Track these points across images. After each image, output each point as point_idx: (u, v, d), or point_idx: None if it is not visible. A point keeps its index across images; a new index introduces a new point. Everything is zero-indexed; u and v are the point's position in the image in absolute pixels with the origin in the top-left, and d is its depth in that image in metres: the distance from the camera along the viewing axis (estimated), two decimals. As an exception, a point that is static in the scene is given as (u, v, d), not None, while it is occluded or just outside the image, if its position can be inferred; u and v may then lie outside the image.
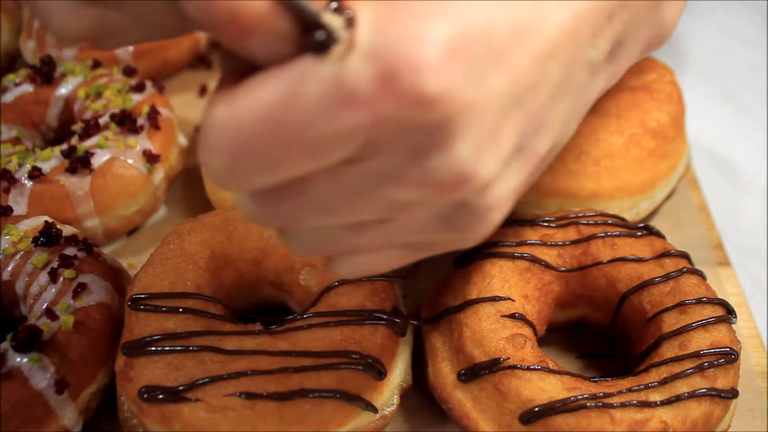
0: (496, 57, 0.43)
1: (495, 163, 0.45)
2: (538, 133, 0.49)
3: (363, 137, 0.41)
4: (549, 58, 0.47)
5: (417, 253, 0.52)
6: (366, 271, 0.52)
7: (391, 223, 0.48)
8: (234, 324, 0.63)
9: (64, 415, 0.62)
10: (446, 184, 0.44)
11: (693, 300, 0.65)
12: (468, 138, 0.42)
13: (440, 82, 0.39)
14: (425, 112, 0.40)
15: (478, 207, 0.47)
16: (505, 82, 0.44)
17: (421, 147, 0.42)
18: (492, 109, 0.43)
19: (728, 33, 1.26)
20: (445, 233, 0.49)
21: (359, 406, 0.61)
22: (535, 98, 0.47)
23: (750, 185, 1.01)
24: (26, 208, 0.77)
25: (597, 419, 0.58)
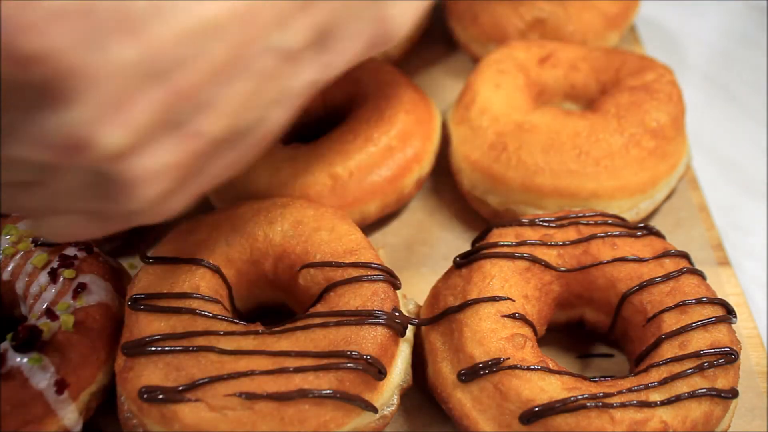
0: (128, 27, 0.44)
1: (120, 132, 0.46)
2: (200, 112, 0.50)
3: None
4: (205, 37, 0.47)
5: (101, 223, 0.54)
6: (64, 235, 0.54)
7: (45, 186, 0.50)
8: (234, 324, 0.63)
9: (64, 415, 0.62)
10: (62, 145, 0.45)
11: (693, 300, 0.65)
12: (82, 102, 0.44)
13: (41, 41, 0.41)
14: (24, 70, 0.41)
15: (118, 177, 0.48)
16: (135, 52, 0.44)
17: (34, 106, 0.44)
18: (114, 78, 0.44)
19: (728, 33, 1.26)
20: (100, 202, 0.51)
21: (359, 406, 0.61)
22: (184, 75, 0.47)
23: (750, 185, 1.01)
24: (26, 208, 0.77)
25: (597, 419, 0.58)
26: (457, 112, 0.89)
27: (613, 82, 0.88)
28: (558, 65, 0.90)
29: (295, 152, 0.81)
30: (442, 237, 0.86)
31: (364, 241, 0.70)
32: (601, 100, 0.85)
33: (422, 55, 1.08)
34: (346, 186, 0.79)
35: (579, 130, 0.80)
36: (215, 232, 0.70)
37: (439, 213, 0.89)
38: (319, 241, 0.69)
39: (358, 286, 0.65)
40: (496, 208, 0.83)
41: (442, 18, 1.09)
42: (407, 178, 0.83)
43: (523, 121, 0.82)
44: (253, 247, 0.70)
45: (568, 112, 0.83)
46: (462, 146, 0.85)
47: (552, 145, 0.80)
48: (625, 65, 0.88)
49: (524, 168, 0.80)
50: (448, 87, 1.02)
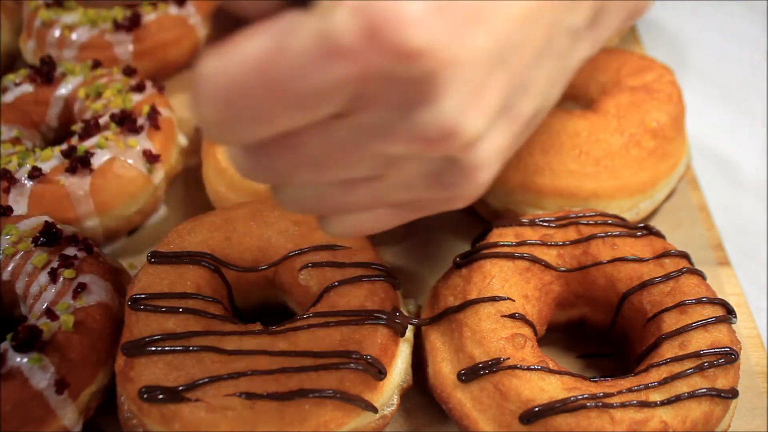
0: (479, 15, 0.44)
1: (481, 119, 0.46)
2: (524, 93, 0.51)
3: (350, 90, 0.42)
4: (532, 20, 0.48)
5: (407, 214, 0.54)
6: (357, 230, 0.53)
7: (382, 180, 0.49)
8: (234, 324, 0.63)
9: (64, 415, 0.62)
10: (433, 137, 0.45)
11: (693, 300, 0.65)
12: (453, 93, 0.44)
13: (423, 36, 0.41)
14: (409, 65, 0.41)
15: (466, 164, 0.48)
16: (489, 40, 0.45)
17: (408, 101, 0.43)
18: (476, 66, 0.44)
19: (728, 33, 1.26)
20: (434, 191, 0.50)
21: (359, 406, 0.61)
22: (518, 58, 0.48)
23: (750, 185, 1.01)
24: (26, 208, 0.77)
25: (597, 419, 0.58)
26: (457, 112, 0.88)
27: (613, 82, 0.88)
28: (558, 65, 0.90)
29: (295, 152, 0.80)
30: (442, 237, 0.86)
31: (364, 241, 0.70)
32: (601, 100, 0.85)
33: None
34: (346, 186, 0.79)
35: (579, 130, 0.80)
36: (215, 232, 0.70)
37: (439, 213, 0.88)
38: (319, 241, 0.69)
39: (358, 286, 0.65)
40: (496, 208, 0.83)
41: (442, 18, 1.09)
42: (407, 178, 0.83)
43: (523, 121, 0.82)
44: (253, 246, 0.70)
45: (568, 112, 0.83)
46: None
47: (552, 145, 0.80)
48: (625, 65, 0.88)
49: (524, 168, 0.80)
50: (448, 87, 1.01)
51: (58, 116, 0.90)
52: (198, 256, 0.67)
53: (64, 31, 0.98)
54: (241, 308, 0.72)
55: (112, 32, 0.98)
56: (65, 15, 1.00)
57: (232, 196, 0.81)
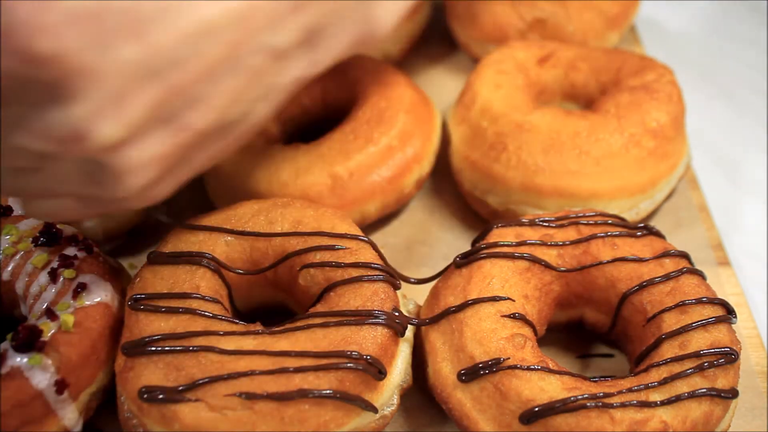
0: (133, 29, 0.47)
1: (116, 126, 0.49)
2: (191, 107, 0.53)
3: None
4: (202, 38, 0.51)
5: (91, 207, 0.58)
6: (51, 215, 0.60)
7: (43, 172, 0.53)
8: (234, 324, 0.63)
9: (64, 415, 0.62)
10: (63, 138, 0.49)
11: (693, 300, 0.65)
12: (85, 99, 0.47)
13: (53, 44, 0.44)
14: (35, 69, 0.45)
15: (111, 166, 0.52)
16: (137, 53, 0.48)
17: (41, 101, 0.48)
18: (117, 77, 0.48)
19: (728, 33, 1.26)
20: (92, 188, 0.55)
21: (359, 406, 0.61)
22: (179, 73, 0.51)
23: (750, 185, 1.01)
24: (26, 208, 0.77)
25: (597, 419, 0.58)
26: (457, 112, 0.89)
27: (613, 82, 0.88)
28: (558, 65, 0.90)
29: (295, 152, 0.81)
30: (442, 237, 0.86)
31: (364, 241, 0.70)
32: (601, 100, 0.85)
33: (422, 55, 1.08)
34: (346, 186, 0.79)
35: (579, 130, 0.80)
36: (215, 232, 0.70)
37: (439, 213, 0.89)
38: (319, 241, 0.69)
39: (358, 286, 0.65)
40: (496, 208, 0.83)
41: (442, 18, 1.09)
42: (407, 178, 0.83)
43: (523, 121, 0.82)
44: (253, 247, 0.70)
45: (568, 112, 0.83)
46: (462, 146, 0.85)
47: (552, 145, 0.80)
48: (625, 65, 0.88)
49: (524, 168, 0.80)
50: (448, 87, 1.02)
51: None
52: (198, 256, 0.67)
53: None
54: (241, 308, 0.72)
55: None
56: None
57: (232, 196, 0.81)
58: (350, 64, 0.88)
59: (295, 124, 0.90)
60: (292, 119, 0.89)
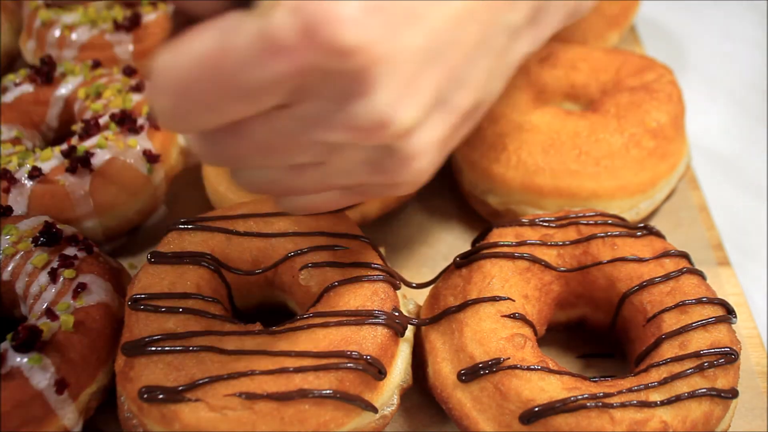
0: (413, 15, 0.48)
1: (413, 111, 0.50)
2: (460, 88, 0.54)
3: (291, 84, 0.46)
4: (466, 19, 0.52)
5: (355, 196, 0.59)
6: (310, 209, 0.60)
7: (326, 166, 0.54)
8: (234, 324, 0.63)
9: (64, 415, 0.62)
10: (368, 127, 0.49)
11: (693, 300, 0.65)
12: (386, 87, 0.48)
13: (357, 34, 0.44)
14: (344, 61, 0.45)
15: (402, 152, 0.53)
16: (422, 38, 0.49)
17: (343, 94, 0.48)
18: (409, 62, 0.48)
19: (728, 33, 1.26)
20: (375, 176, 0.55)
21: (359, 406, 0.61)
22: (452, 55, 0.52)
23: (750, 185, 1.01)
24: (26, 208, 0.77)
25: (597, 419, 0.58)
26: (457, 112, 0.88)
27: (613, 82, 0.88)
28: (558, 65, 0.90)
29: (295, 152, 0.80)
30: (442, 237, 0.86)
31: (364, 241, 0.70)
32: (601, 100, 0.85)
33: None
34: (346, 186, 0.79)
35: (579, 130, 0.80)
36: (215, 232, 0.70)
37: (439, 213, 0.89)
38: (319, 241, 0.69)
39: (358, 286, 0.65)
40: (496, 208, 0.83)
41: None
42: (407, 178, 0.83)
43: (523, 121, 0.82)
44: (253, 247, 0.70)
45: (568, 112, 0.83)
46: (462, 146, 0.85)
47: (552, 145, 0.80)
48: (625, 65, 0.88)
49: (524, 168, 0.80)
50: (448, 87, 1.01)
51: (58, 116, 0.90)
52: (198, 256, 0.67)
53: (64, 31, 0.98)
54: (241, 308, 0.72)
55: (112, 32, 0.98)
56: (65, 15, 1.00)
57: (232, 196, 0.81)
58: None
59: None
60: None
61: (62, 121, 0.91)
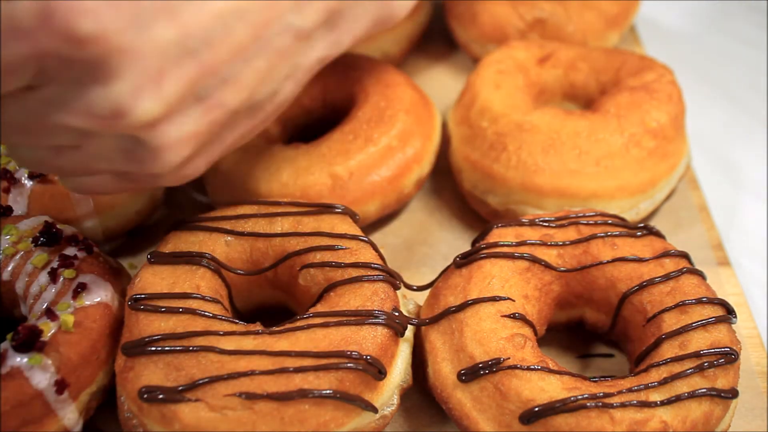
0: (166, 10, 0.49)
1: (154, 103, 0.51)
2: (223, 85, 0.55)
3: (32, 67, 0.47)
4: (232, 18, 0.53)
5: (126, 183, 0.60)
6: (88, 190, 0.62)
7: (82, 150, 0.55)
8: (234, 324, 0.63)
9: (64, 415, 0.62)
10: (104, 115, 0.50)
11: (693, 300, 0.65)
12: (124, 77, 0.49)
13: (94, 24, 0.46)
14: (78, 48, 0.46)
15: (149, 143, 0.54)
16: (172, 33, 0.50)
17: (82, 80, 0.49)
18: (153, 55, 0.49)
19: (728, 33, 1.26)
20: (129, 164, 0.57)
21: (359, 406, 0.61)
22: (212, 52, 0.53)
23: (750, 185, 1.01)
24: (26, 208, 0.77)
25: (597, 419, 0.58)
26: (457, 112, 0.89)
27: (613, 82, 0.88)
28: (558, 65, 0.90)
29: (295, 152, 0.81)
30: (442, 237, 0.86)
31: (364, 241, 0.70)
32: (601, 100, 0.85)
33: (422, 55, 1.08)
34: (346, 186, 0.79)
35: (579, 130, 0.80)
36: (215, 232, 0.70)
37: (439, 213, 0.89)
38: (319, 242, 0.69)
39: (358, 286, 0.65)
40: (496, 208, 0.83)
41: (442, 18, 1.09)
42: (407, 178, 0.83)
43: (523, 121, 0.82)
44: (253, 247, 0.70)
45: (568, 112, 0.83)
46: (462, 146, 0.85)
47: (552, 145, 0.80)
48: (625, 65, 0.88)
49: (524, 168, 0.80)
50: (448, 87, 1.02)
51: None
52: (198, 256, 0.67)
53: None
54: (241, 308, 0.72)
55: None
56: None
57: (232, 196, 0.81)
58: (350, 64, 0.88)
59: (295, 124, 0.90)
60: (292, 119, 0.89)
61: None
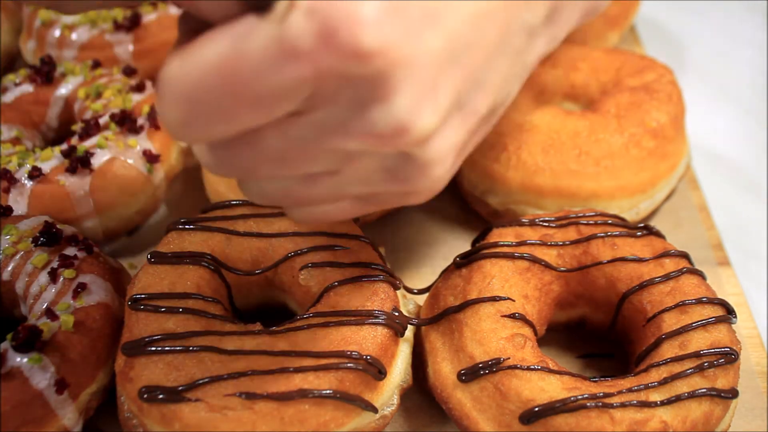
0: (432, 16, 0.46)
1: (433, 116, 0.48)
2: (478, 90, 0.53)
3: (307, 90, 0.44)
4: (485, 19, 0.50)
5: (368, 206, 0.56)
6: (322, 219, 0.57)
7: (341, 175, 0.51)
8: (234, 324, 0.63)
9: (64, 415, 0.62)
10: (386, 134, 0.47)
11: (693, 300, 0.65)
12: (405, 91, 0.46)
13: (376, 37, 0.42)
14: (362, 65, 0.43)
15: (420, 159, 0.50)
16: (441, 39, 0.47)
17: (362, 99, 0.45)
18: (428, 65, 0.46)
19: (728, 33, 1.26)
20: (391, 184, 0.53)
21: (359, 406, 0.61)
22: (471, 57, 0.50)
23: (750, 185, 1.01)
24: (26, 208, 0.77)
25: (597, 419, 0.58)
26: (457, 112, 0.88)
27: (613, 82, 0.88)
28: (558, 65, 0.90)
29: (295, 152, 0.80)
30: (442, 237, 0.86)
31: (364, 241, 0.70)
32: (601, 100, 0.85)
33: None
34: (346, 186, 0.79)
35: (579, 130, 0.80)
36: (215, 232, 0.70)
37: (439, 213, 0.89)
38: (319, 241, 0.69)
39: (358, 286, 0.65)
40: (496, 208, 0.83)
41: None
42: (407, 178, 0.83)
43: (523, 121, 0.82)
44: (253, 247, 0.70)
45: (568, 112, 0.83)
46: (462, 146, 0.85)
47: (552, 145, 0.80)
48: (625, 65, 0.88)
49: (524, 168, 0.80)
50: (448, 87, 1.01)
51: (58, 116, 0.90)
52: (198, 257, 0.67)
53: (64, 31, 0.98)
54: (241, 308, 0.72)
55: (112, 32, 0.98)
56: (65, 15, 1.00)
57: (232, 196, 0.81)
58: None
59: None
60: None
61: (62, 121, 0.91)
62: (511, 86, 0.59)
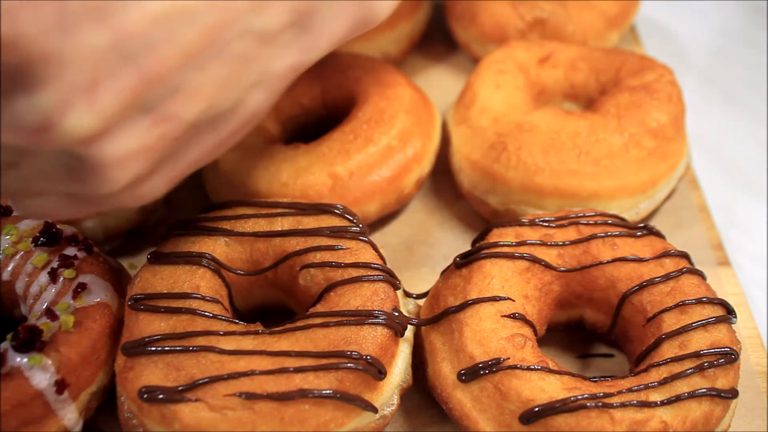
0: (98, 12, 0.45)
1: (88, 117, 0.46)
2: (173, 95, 0.50)
3: None
4: (175, 20, 0.48)
5: (81, 205, 0.55)
6: (39, 214, 0.57)
7: (21, 168, 0.51)
8: (234, 324, 0.63)
9: (64, 415, 0.62)
10: (30, 128, 0.46)
11: (693, 300, 0.65)
12: (52, 87, 0.44)
13: (15, 27, 0.42)
14: (1, 54, 0.42)
15: (91, 160, 0.49)
16: (106, 37, 0.45)
17: (6, 90, 0.45)
18: (85, 63, 0.45)
19: (728, 33, 1.26)
20: (73, 185, 0.52)
21: (359, 406, 0.61)
22: (155, 59, 0.48)
23: (750, 185, 1.01)
24: (26, 208, 0.77)
25: (597, 419, 0.58)
26: (457, 112, 0.89)
27: (613, 82, 0.88)
28: (558, 65, 0.90)
29: (295, 152, 0.81)
30: (442, 237, 0.86)
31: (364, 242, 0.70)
32: (601, 100, 0.85)
33: (422, 55, 1.08)
34: (346, 186, 0.79)
35: (579, 130, 0.80)
36: (215, 232, 0.70)
37: (439, 213, 0.89)
38: (319, 242, 0.69)
39: (358, 286, 0.65)
40: (496, 208, 0.83)
41: (442, 18, 1.09)
42: (407, 178, 0.83)
43: (523, 121, 0.82)
44: (253, 247, 0.70)
45: (568, 112, 0.83)
46: (462, 146, 0.85)
47: (552, 145, 0.80)
48: (625, 65, 0.88)
49: (524, 168, 0.80)
50: (448, 87, 1.02)
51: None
52: (198, 257, 0.67)
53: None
54: (241, 308, 0.72)
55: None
56: None
57: (233, 196, 0.81)
58: (350, 64, 0.88)
59: (294, 124, 0.90)
60: (292, 119, 0.89)
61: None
62: (244, 94, 0.55)
